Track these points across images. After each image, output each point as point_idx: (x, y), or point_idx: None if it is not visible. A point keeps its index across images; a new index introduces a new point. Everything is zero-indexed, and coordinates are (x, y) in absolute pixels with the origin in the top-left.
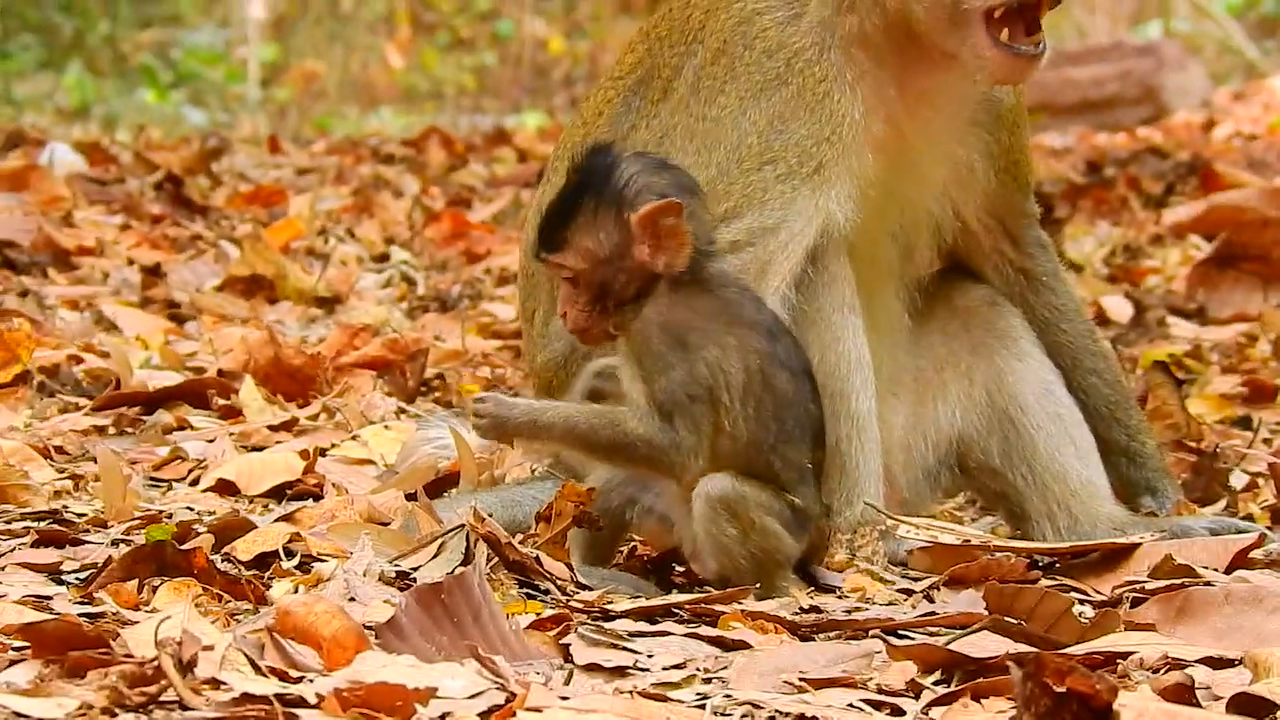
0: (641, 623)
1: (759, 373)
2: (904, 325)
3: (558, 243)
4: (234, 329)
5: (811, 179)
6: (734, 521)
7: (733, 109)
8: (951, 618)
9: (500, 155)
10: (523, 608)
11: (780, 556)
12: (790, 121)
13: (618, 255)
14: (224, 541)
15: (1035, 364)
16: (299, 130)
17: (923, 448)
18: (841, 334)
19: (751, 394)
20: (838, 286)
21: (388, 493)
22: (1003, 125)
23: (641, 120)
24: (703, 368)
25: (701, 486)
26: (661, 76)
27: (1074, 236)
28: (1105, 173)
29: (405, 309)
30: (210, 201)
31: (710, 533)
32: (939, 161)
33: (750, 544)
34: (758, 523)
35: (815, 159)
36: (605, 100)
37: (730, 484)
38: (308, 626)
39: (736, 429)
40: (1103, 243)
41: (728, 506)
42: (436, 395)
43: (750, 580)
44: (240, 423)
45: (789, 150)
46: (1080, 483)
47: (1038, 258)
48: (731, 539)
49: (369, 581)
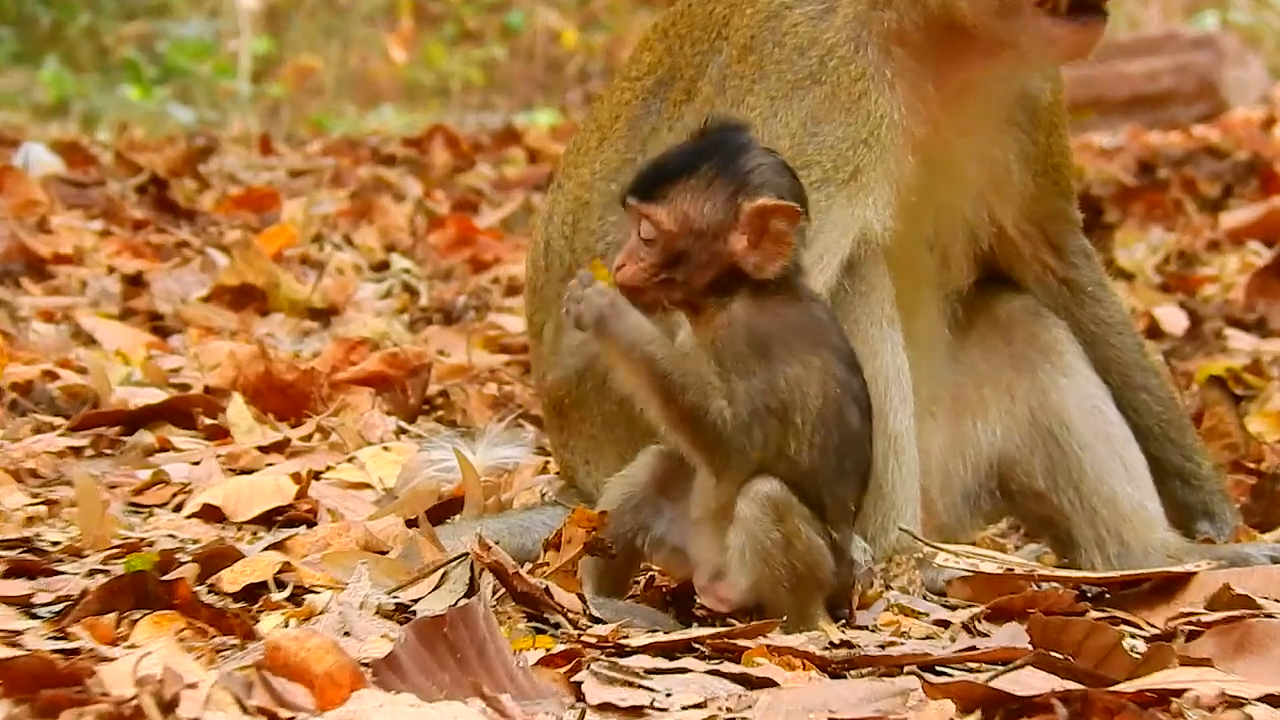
0: (659, 658)
1: (835, 402)
2: (942, 339)
3: (657, 194)
4: (222, 343)
5: (848, 185)
6: (780, 525)
7: (762, 110)
8: (993, 652)
9: (510, 156)
10: (531, 642)
11: (821, 575)
12: (824, 123)
13: (711, 234)
14: (209, 572)
15: (1081, 379)
16: (293, 129)
17: (961, 470)
18: (879, 348)
19: (824, 423)
20: (875, 297)
21: (386, 519)
22: (1040, 125)
23: (664, 123)
24: (783, 382)
25: (750, 485)
26: (684, 77)
27: (1125, 243)
28: (1158, 174)
29: (406, 321)
30: (197, 205)
31: (754, 534)
32: (976, 163)
33: (793, 554)
34: (803, 532)
35: (852, 163)
36: (622, 103)
37: (781, 487)
38: (299, 663)
39: (799, 455)
40: (1155, 249)
41: (776, 508)
42: (440, 414)
43: (784, 597)
44: (228, 444)
45: (823, 154)
46: (1131, 507)
47: (1082, 268)
48: (775, 544)
49: (366, 614)
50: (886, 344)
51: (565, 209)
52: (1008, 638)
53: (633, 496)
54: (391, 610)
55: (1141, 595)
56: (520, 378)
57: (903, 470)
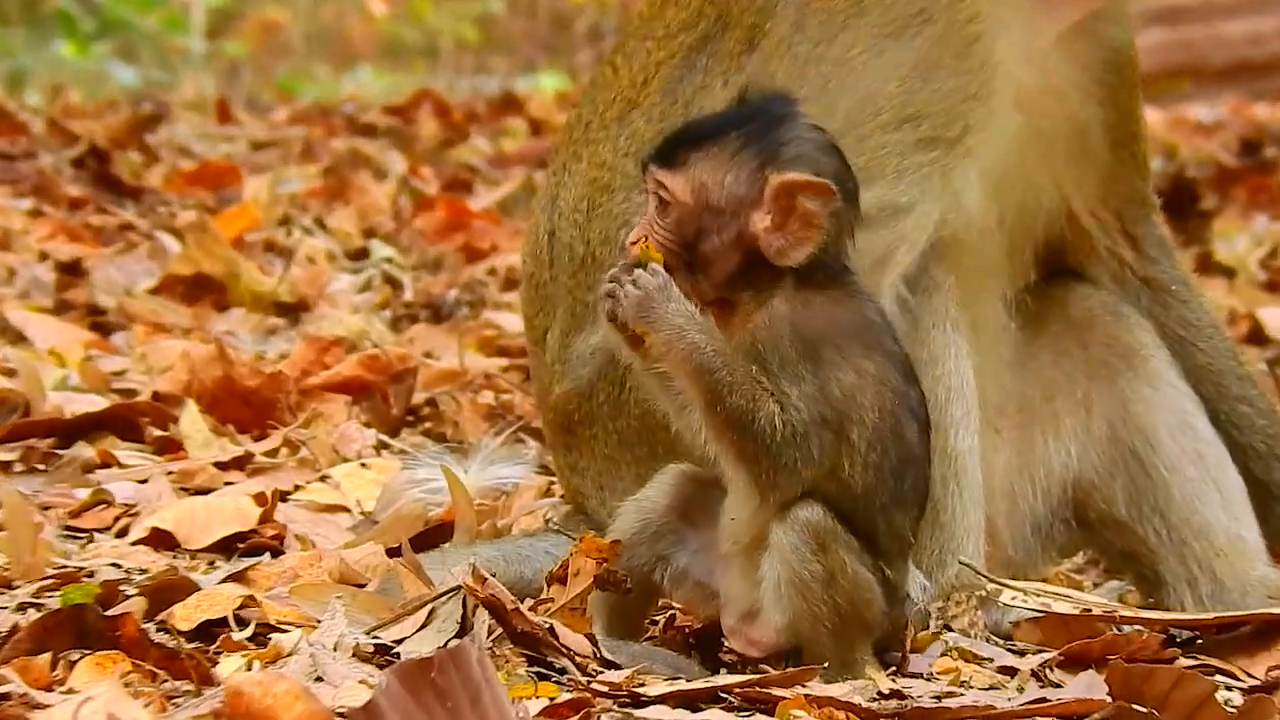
0: (681, 710)
1: (892, 415)
2: (1008, 341)
3: (674, 159)
4: (173, 342)
5: (955, 147)
6: (822, 556)
7: (864, 48)
8: (1067, 705)
9: (509, 127)
10: (533, 690)
11: (868, 616)
12: (937, 69)
13: (731, 211)
14: (159, 607)
15: (1170, 390)
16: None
17: (1031, 495)
18: (941, 354)
19: (880, 439)
20: (939, 296)
21: (365, 547)
22: (1124, 84)
23: (716, 79)
24: (836, 390)
25: (793, 511)
26: (741, 24)
27: (1224, 234)
28: (1264, 153)
29: (388, 318)
30: (144, 182)
31: (791, 565)
32: (1065, 128)
33: (836, 590)
34: (849, 566)
35: (962, 120)
36: (654, 63)
37: (824, 513)
38: (264, 711)
39: (853, 476)
40: (1260, 241)
41: (819, 538)
42: (427, 426)
43: (826, 640)
44: (180, 459)
45: (935, 106)
46: (1227, 539)
47: (1161, 262)
48: (815, 578)
49: (341, 657)
50: (950, 349)
51: (576, 194)
52: (1083, 688)
53: (650, 523)
54: (370, 652)
55: (1239, 640)
56: (520, 385)
57: (964, 496)
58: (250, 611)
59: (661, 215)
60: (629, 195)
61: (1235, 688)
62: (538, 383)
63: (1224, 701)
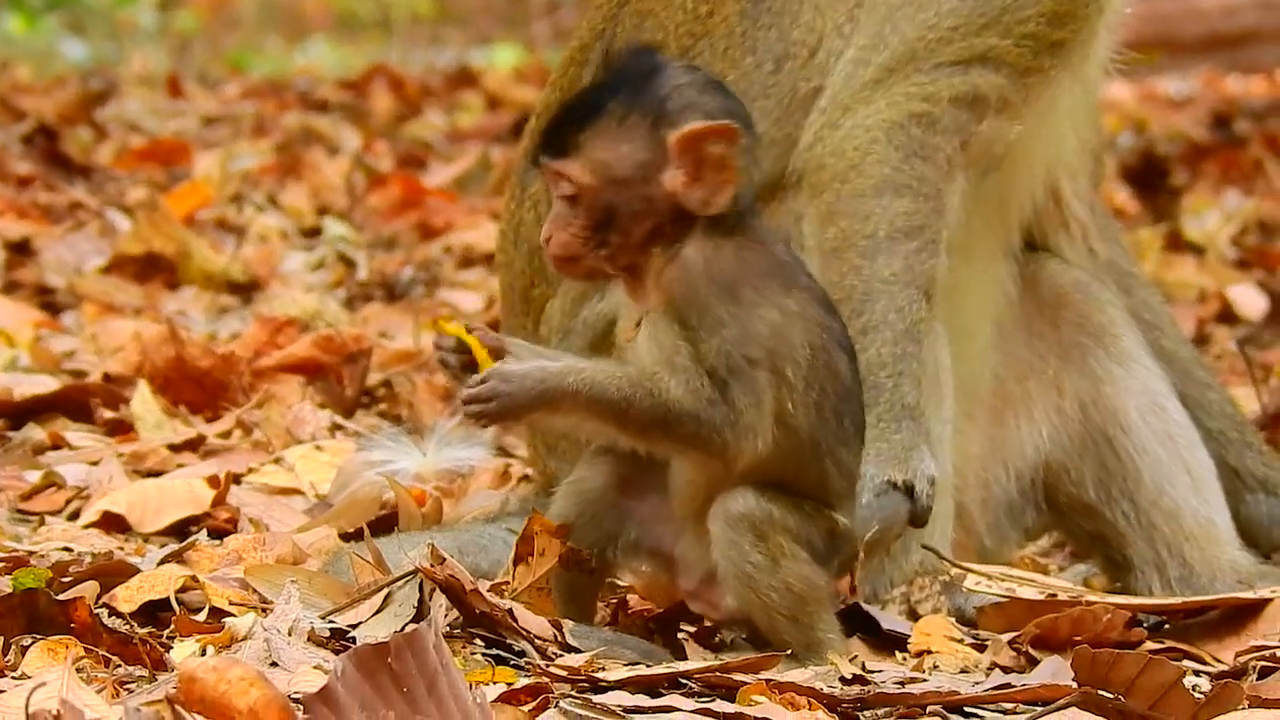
0: (640, 695)
1: (823, 351)
2: (990, 322)
3: (565, 146)
4: (124, 322)
5: (1050, 55)
6: (760, 545)
7: None
8: (1032, 690)
9: (464, 101)
10: (490, 675)
11: (820, 593)
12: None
13: (640, 178)
14: (104, 590)
15: (1141, 370)
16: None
17: (1005, 480)
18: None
19: (816, 377)
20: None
21: (319, 530)
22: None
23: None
24: (762, 328)
25: (719, 505)
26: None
27: (1195, 210)
28: (1236, 128)
29: (342, 297)
30: (94, 159)
31: (732, 561)
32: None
33: (783, 574)
34: (788, 550)
35: (1064, 28)
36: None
37: (754, 500)
38: (218, 697)
39: (797, 418)
40: (1231, 218)
41: (755, 528)
42: (382, 408)
43: (783, 626)
44: (132, 441)
45: (1013, 28)
46: (1196, 522)
47: (1115, 243)
48: (758, 568)
49: (296, 641)
50: (928, 336)
51: None
52: (1049, 673)
53: (589, 504)
54: (326, 637)
55: (1207, 625)
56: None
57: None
58: (199, 595)
59: (570, 205)
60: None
61: (1203, 673)
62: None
63: (1192, 687)
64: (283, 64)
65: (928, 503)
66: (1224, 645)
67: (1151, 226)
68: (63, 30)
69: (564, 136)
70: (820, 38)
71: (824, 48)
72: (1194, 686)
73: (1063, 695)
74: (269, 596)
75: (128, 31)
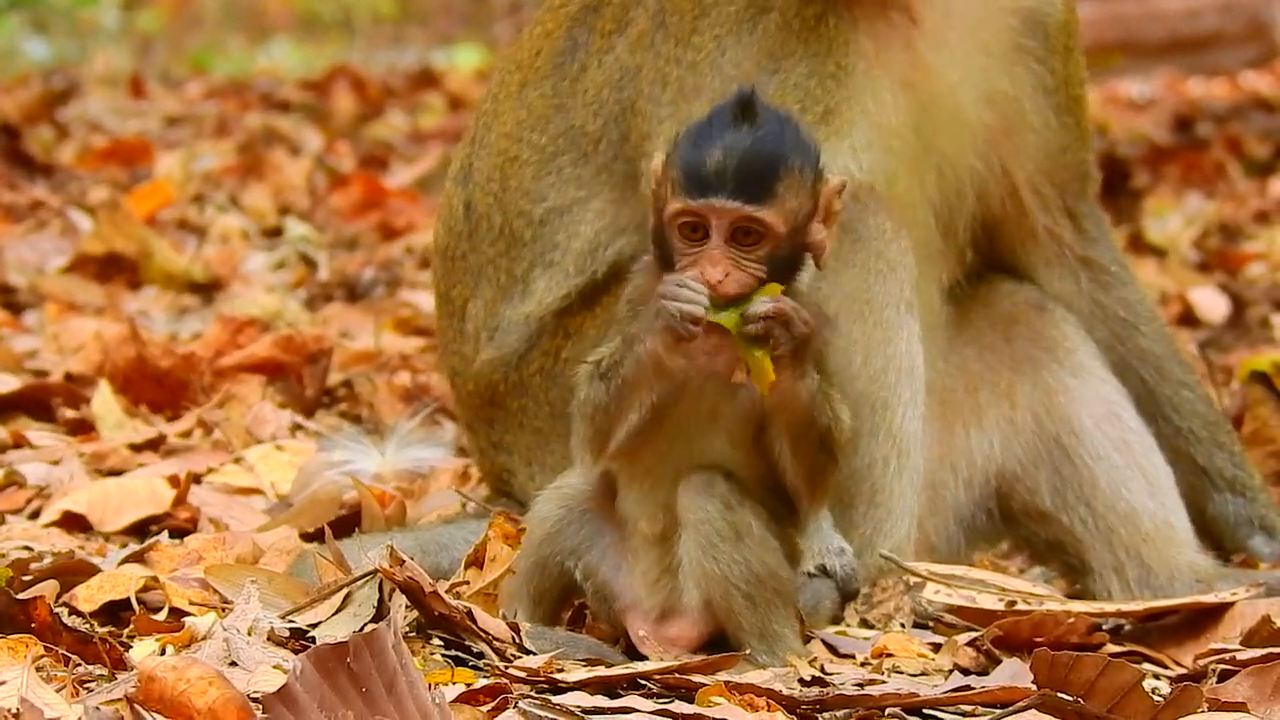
0: (599, 696)
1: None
2: (940, 330)
3: (765, 194)
4: (85, 321)
5: (820, 128)
6: (728, 515)
7: (710, 51)
8: (991, 693)
9: (426, 102)
10: (449, 675)
11: (781, 585)
12: (783, 59)
13: (804, 227)
14: (64, 590)
15: (1095, 380)
16: (169, 68)
17: (953, 485)
18: (894, 334)
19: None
20: (896, 277)
21: (279, 530)
22: (1054, 49)
23: (593, 59)
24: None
25: (695, 475)
26: (612, 2)
27: (1157, 212)
28: (1197, 131)
29: (303, 298)
30: (56, 159)
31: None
32: (981, 101)
33: (745, 550)
34: (754, 527)
35: (821, 102)
36: (543, 34)
37: (731, 480)
38: (177, 696)
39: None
40: (1192, 220)
41: (722, 497)
42: (342, 408)
43: (744, 610)
44: (93, 440)
45: (786, 95)
46: (1154, 525)
47: (1100, 242)
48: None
49: (255, 641)
50: (903, 331)
51: (489, 164)
52: (1008, 675)
53: (571, 512)
54: (285, 637)
55: (1166, 628)
56: (438, 365)
57: (904, 478)
58: (161, 595)
59: (749, 247)
60: (539, 173)
61: (1163, 676)
62: (454, 356)
63: (1151, 690)
64: (245, 64)
65: (847, 572)
66: (1184, 648)
67: (1113, 229)
68: (25, 29)
69: (763, 184)
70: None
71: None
72: (1153, 689)
73: (1022, 697)
74: (229, 596)
75: (90, 31)
